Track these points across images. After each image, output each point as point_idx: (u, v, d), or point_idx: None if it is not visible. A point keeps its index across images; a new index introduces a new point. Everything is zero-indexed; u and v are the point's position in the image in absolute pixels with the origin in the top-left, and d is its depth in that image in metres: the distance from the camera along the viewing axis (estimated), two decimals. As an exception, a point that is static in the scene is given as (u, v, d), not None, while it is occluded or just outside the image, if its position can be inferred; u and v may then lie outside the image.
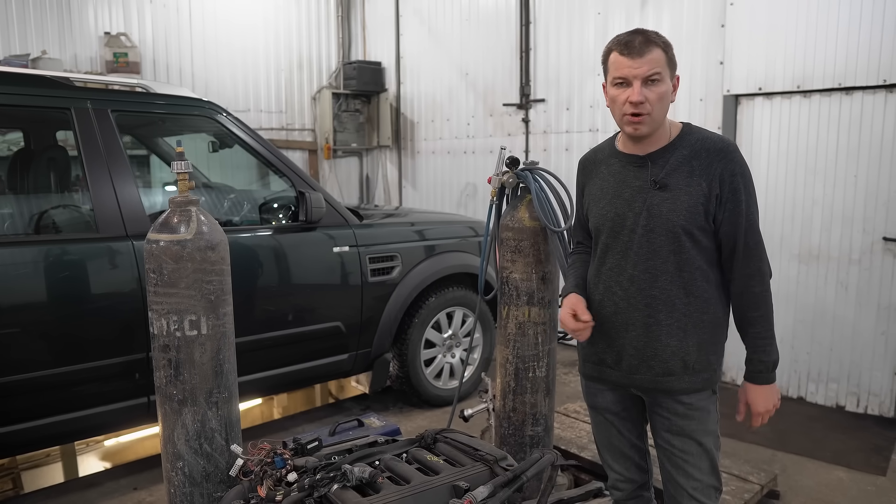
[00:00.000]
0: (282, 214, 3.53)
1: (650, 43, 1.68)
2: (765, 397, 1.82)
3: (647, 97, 1.67)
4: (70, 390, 2.78)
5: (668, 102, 1.73)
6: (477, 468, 2.03)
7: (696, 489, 1.86)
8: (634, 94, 1.67)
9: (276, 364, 3.38)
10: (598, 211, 1.87)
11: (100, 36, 5.78)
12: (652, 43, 1.68)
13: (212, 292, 2.15)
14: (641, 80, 1.67)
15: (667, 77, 1.70)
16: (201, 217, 2.16)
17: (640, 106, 1.68)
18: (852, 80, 3.76)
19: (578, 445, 3.21)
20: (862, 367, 3.95)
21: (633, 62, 1.67)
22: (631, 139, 1.81)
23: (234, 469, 2.04)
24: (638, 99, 1.67)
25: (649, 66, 1.66)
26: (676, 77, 1.75)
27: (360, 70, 6.94)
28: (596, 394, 2.00)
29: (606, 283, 1.87)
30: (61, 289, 2.72)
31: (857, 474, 3.28)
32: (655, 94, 1.68)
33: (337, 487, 1.88)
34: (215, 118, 3.29)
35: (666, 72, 1.69)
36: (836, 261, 3.99)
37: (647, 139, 1.78)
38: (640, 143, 1.80)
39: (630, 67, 1.67)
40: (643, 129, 1.73)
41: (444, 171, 6.60)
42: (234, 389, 2.29)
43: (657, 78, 1.68)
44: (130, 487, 3.18)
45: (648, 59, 1.66)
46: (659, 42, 1.69)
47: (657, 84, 1.68)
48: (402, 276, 3.82)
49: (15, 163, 3.54)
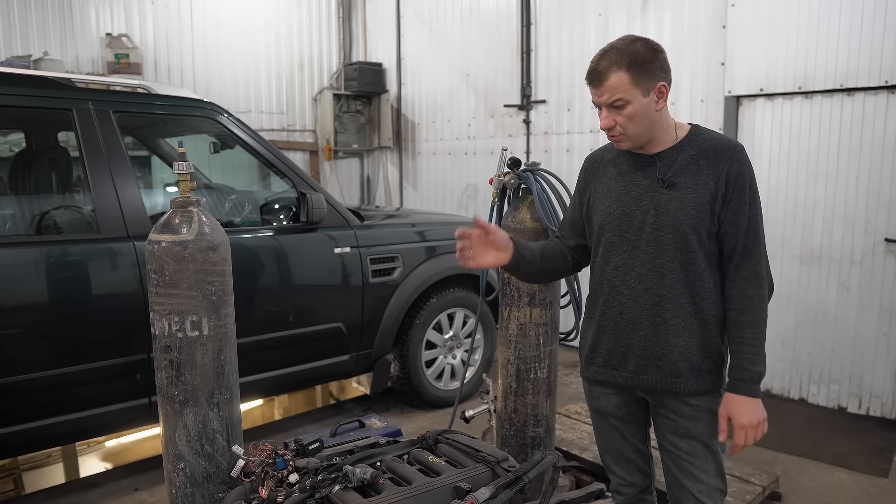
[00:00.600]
0: (283, 215, 3.53)
1: (610, 69, 1.69)
2: (748, 410, 1.71)
3: (616, 120, 1.74)
4: (71, 391, 2.78)
5: (650, 114, 1.73)
6: (479, 469, 2.03)
7: (702, 492, 1.85)
8: (602, 119, 1.76)
9: (278, 365, 3.38)
10: (605, 208, 1.87)
11: (101, 37, 5.79)
12: (612, 68, 1.69)
13: (213, 293, 2.15)
14: (605, 107, 1.74)
15: (635, 96, 1.70)
16: (203, 218, 2.16)
17: (610, 130, 1.76)
18: (854, 81, 3.76)
19: (580, 447, 3.20)
20: (864, 368, 3.95)
21: (595, 91, 1.75)
22: None
23: (236, 470, 2.04)
24: (604, 125, 1.76)
25: (609, 94, 1.71)
26: (660, 85, 1.72)
27: (360, 71, 6.94)
28: (600, 398, 1.98)
29: (612, 283, 1.85)
30: (62, 290, 2.72)
31: (859, 476, 3.27)
32: (623, 116, 1.72)
33: (338, 488, 1.88)
34: (217, 119, 3.29)
35: (632, 92, 1.69)
36: (838, 262, 3.99)
37: (649, 143, 1.79)
38: (647, 145, 1.80)
39: (595, 95, 1.76)
40: (624, 145, 1.80)
41: (444, 172, 6.60)
42: (236, 390, 2.29)
43: (620, 104, 1.71)
44: (132, 488, 3.18)
45: (607, 87, 1.70)
46: (623, 63, 1.68)
47: (623, 107, 1.72)
48: (404, 277, 3.81)
49: (16, 164, 3.54)
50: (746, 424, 1.72)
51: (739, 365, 1.75)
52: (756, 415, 1.72)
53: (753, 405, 1.72)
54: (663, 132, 1.79)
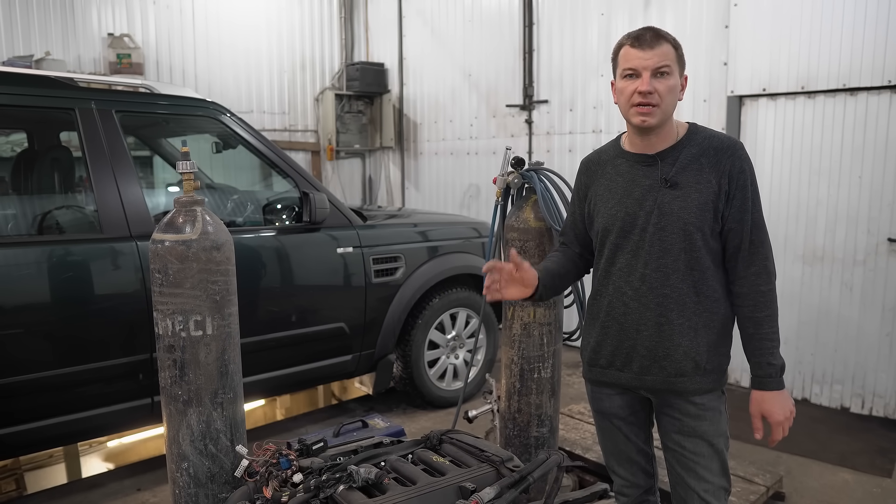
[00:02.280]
0: (285, 215, 3.52)
1: (660, 38, 1.72)
2: (780, 405, 1.76)
3: (656, 88, 1.70)
4: (73, 391, 2.78)
5: (677, 99, 1.75)
6: (483, 469, 2.02)
7: (708, 491, 1.84)
8: (644, 83, 1.70)
9: (280, 365, 3.37)
10: (607, 211, 1.85)
11: (103, 37, 5.78)
12: (662, 38, 1.72)
13: (217, 292, 2.14)
14: (651, 70, 1.70)
15: (676, 72, 1.73)
16: (206, 217, 2.15)
17: (649, 96, 1.69)
18: (857, 81, 3.75)
19: (583, 447, 3.20)
20: (867, 368, 3.94)
21: (643, 53, 1.70)
22: (638, 137, 1.81)
23: (240, 470, 2.04)
24: (647, 88, 1.69)
25: (660, 58, 1.69)
26: (685, 77, 1.77)
27: (362, 71, 6.94)
28: (603, 398, 1.97)
29: (616, 284, 1.85)
30: (65, 289, 2.72)
31: (863, 476, 3.27)
32: (665, 86, 1.70)
33: (343, 488, 1.88)
34: (219, 119, 3.29)
35: (675, 67, 1.73)
36: (841, 262, 3.98)
37: (654, 138, 1.78)
38: (648, 141, 1.79)
39: (640, 59, 1.70)
40: (651, 121, 1.72)
41: (446, 173, 6.60)
42: (240, 390, 2.28)
43: (667, 70, 1.70)
44: (134, 488, 3.18)
45: (659, 51, 1.70)
46: (669, 38, 1.73)
47: (666, 77, 1.70)
48: (406, 277, 3.81)
49: (19, 163, 3.54)
50: (783, 420, 1.77)
51: (764, 361, 1.76)
52: (788, 407, 1.77)
53: (784, 398, 1.77)
54: (671, 125, 1.79)
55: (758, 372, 1.78)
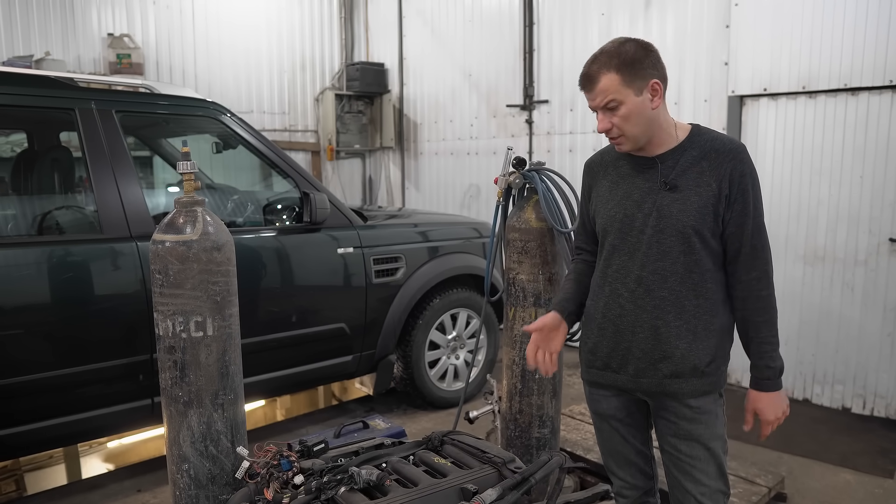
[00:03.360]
0: (286, 215, 3.52)
1: (600, 71, 1.70)
2: (774, 405, 1.79)
3: (612, 122, 1.73)
4: (73, 392, 2.77)
5: (646, 113, 1.71)
6: (485, 471, 2.01)
7: (705, 494, 1.83)
8: (599, 123, 1.77)
9: (281, 366, 3.37)
10: (607, 212, 1.85)
11: (103, 37, 5.78)
12: (602, 70, 1.69)
13: (217, 293, 2.13)
14: (600, 110, 1.74)
15: (627, 96, 1.69)
16: (207, 217, 2.14)
17: (608, 132, 1.76)
18: (858, 81, 3.75)
19: (584, 447, 3.19)
20: (868, 368, 3.93)
21: (588, 96, 1.75)
22: None
23: (240, 471, 2.03)
24: (601, 128, 1.76)
25: (602, 97, 1.71)
26: (653, 83, 1.70)
27: (363, 71, 6.94)
28: (600, 400, 1.97)
29: (612, 286, 1.84)
30: (65, 290, 2.71)
31: (864, 477, 3.26)
32: (618, 117, 1.72)
33: (344, 490, 1.87)
34: (219, 119, 3.28)
35: (624, 92, 1.68)
36: (842, 262, 3.97)
37: (649, 145, 1.78)
38: (648, 145, 1.79)
39: (589, 101, 1.77)
40: (625, 148, 1.79)
41: (447, 173, 6.59)
42: (240, 391, 2.27)
43: (613, 105, 1.71)
44: (134, 489, 3.17)
45: (599, 89, 1.71)
46: (612, 65, 1.68)
47: (616, 109, 1.71)
48: (407, 278, 3.80)
49: (19, 164, 3.53)
50: (773, 420, 1.80)
51: (763, 364, 1.78)
52: (781, 407, 1.80)
53: (778, 399, 1.80)
54: (663, 132, 1.77)
55: (756, 374, 1.80)
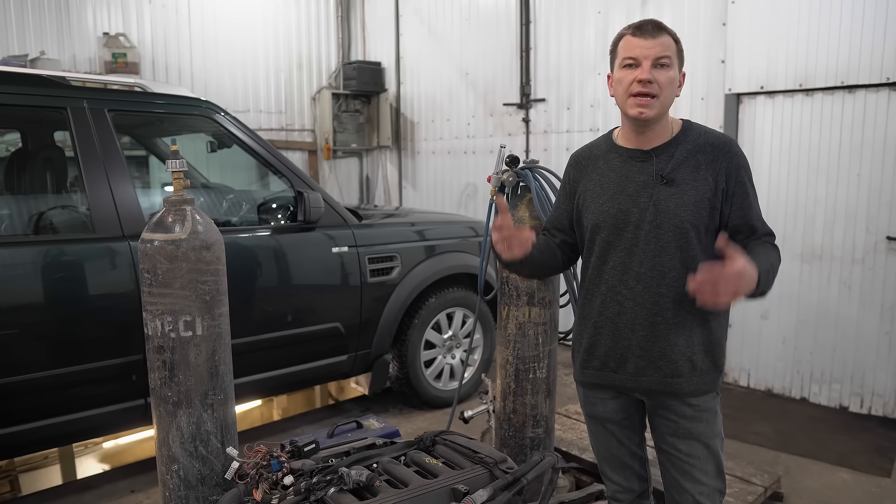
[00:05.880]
0: (280, 215, 3.50)
1: (662, 29, 1.71)
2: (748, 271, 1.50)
3: (656, 78, 1.67)
4: (67, 392, 2.75)
5: (675, 93, 1.72)
6: (476, 471, 2.00)
7: (703, 493, 1.82)
8: (644, 72, 1.67)
9: (275, 365, 3.35)
10: (598, 207, 1.82)
11: (98, 36, 5.76)
12: (664, 30, 1.71)
13: (207, 292, 2.12)
14: (652, 60, 1.67)
15: (676, 65, 1.71)
16: (196, 216, 2.13)
17: (648, 85, 1.66)
18: (855, 79, 3.73)
19: (579, 447, 3.18)
20: (865, 367, 3.92)
21: (645, 42, 1.68)
22: (634, 132, 1.78)
23: (230, 472, 2.02)
24: (647, 77, 1.66)
25: (661, 48, 1.68)
26: (683, 73, 1.76)
27: (359, 70, 6.92)
28: (596, 403, 1.94)
29: (609, 283, 1.82)
30: (58, 290, 2.70)
31: (862, 476, 3.25)
32: (665, 77, 1.68)
33: (334, 491, 1.86)
34: (213, 118, 3.27)
35: (675, 60, 1.71)
36: (840, 260, 3.96)
37: (650, 133, 1.76)
38: (644, 136, 1.77)
39: (642, 47, 1.68)
40: (649, 112, 1.69)
41: (444, 172, 6.58)
42: (230, 391, 2.26)
43: (667, 62, 1.68)
44: (128, 490, 3.16)
45: (661, 41, 1.68)
46: (670, 31, 1.73)
47: (667, 68, 1.68)
48: (402, 277, 3.79)
49: (12, 163, 3.52)
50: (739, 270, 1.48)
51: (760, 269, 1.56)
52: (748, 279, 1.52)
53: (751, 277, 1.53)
54: (666, 121, 1.78)
55: None
